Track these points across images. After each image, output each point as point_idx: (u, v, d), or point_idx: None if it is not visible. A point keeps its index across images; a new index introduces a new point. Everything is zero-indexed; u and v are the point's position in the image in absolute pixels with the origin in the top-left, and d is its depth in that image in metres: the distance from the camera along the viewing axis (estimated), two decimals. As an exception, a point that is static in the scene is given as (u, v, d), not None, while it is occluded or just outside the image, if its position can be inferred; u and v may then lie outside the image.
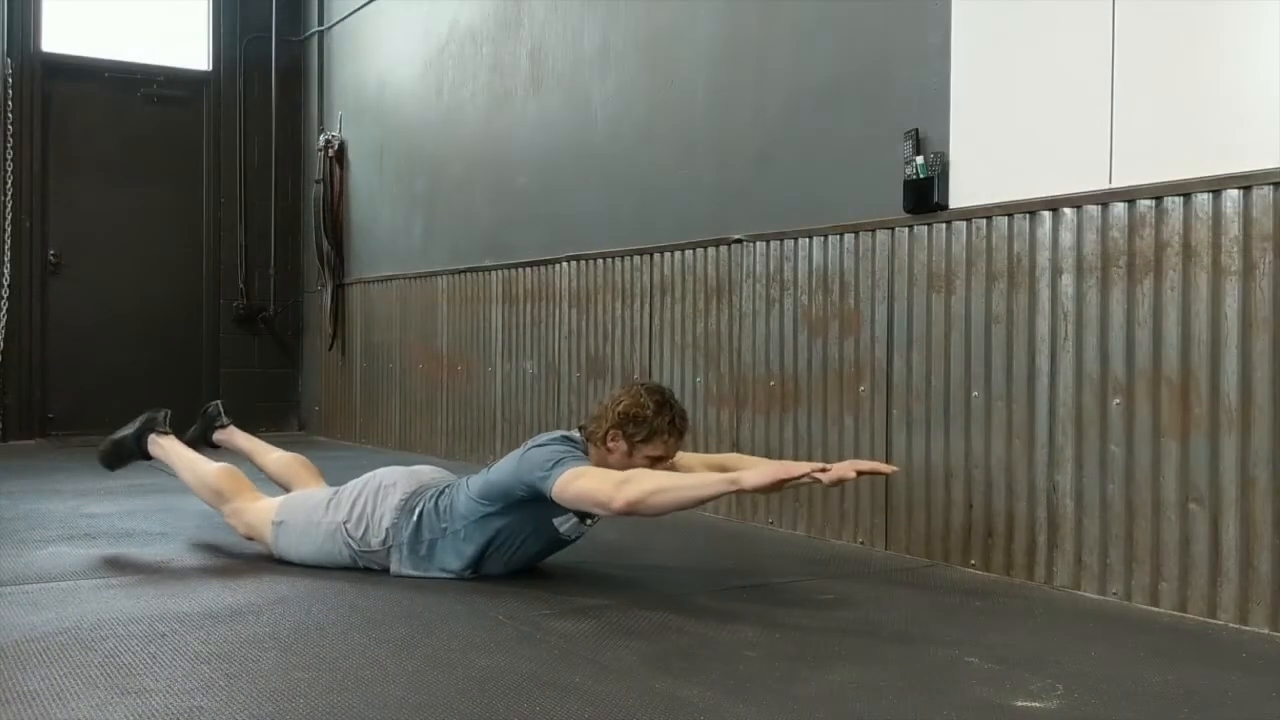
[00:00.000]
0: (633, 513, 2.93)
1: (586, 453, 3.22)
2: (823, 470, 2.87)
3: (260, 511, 3.58)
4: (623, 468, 3.13)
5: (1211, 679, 2.48)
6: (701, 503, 3.00)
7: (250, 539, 3.61)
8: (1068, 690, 2.37)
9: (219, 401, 4.41)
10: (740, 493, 2.91)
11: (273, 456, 4.06)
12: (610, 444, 3.21)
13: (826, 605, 3.10)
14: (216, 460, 3.82)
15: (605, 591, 3.19)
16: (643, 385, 3.33)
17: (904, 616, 3.01)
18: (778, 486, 2.86)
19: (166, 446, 3.90)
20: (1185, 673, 2.53)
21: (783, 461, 2.87)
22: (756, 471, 2.88)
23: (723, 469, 3.39)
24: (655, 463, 3.21)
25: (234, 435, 4.22)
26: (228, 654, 2.56)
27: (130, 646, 2.60)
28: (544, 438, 3.24)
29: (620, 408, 3.22)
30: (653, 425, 3.19)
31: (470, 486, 3.31)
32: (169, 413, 4.01)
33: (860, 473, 3.09)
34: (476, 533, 3.27)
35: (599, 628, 2.83)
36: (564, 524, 3.26)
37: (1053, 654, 2.64)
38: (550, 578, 3.37)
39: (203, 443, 4.16)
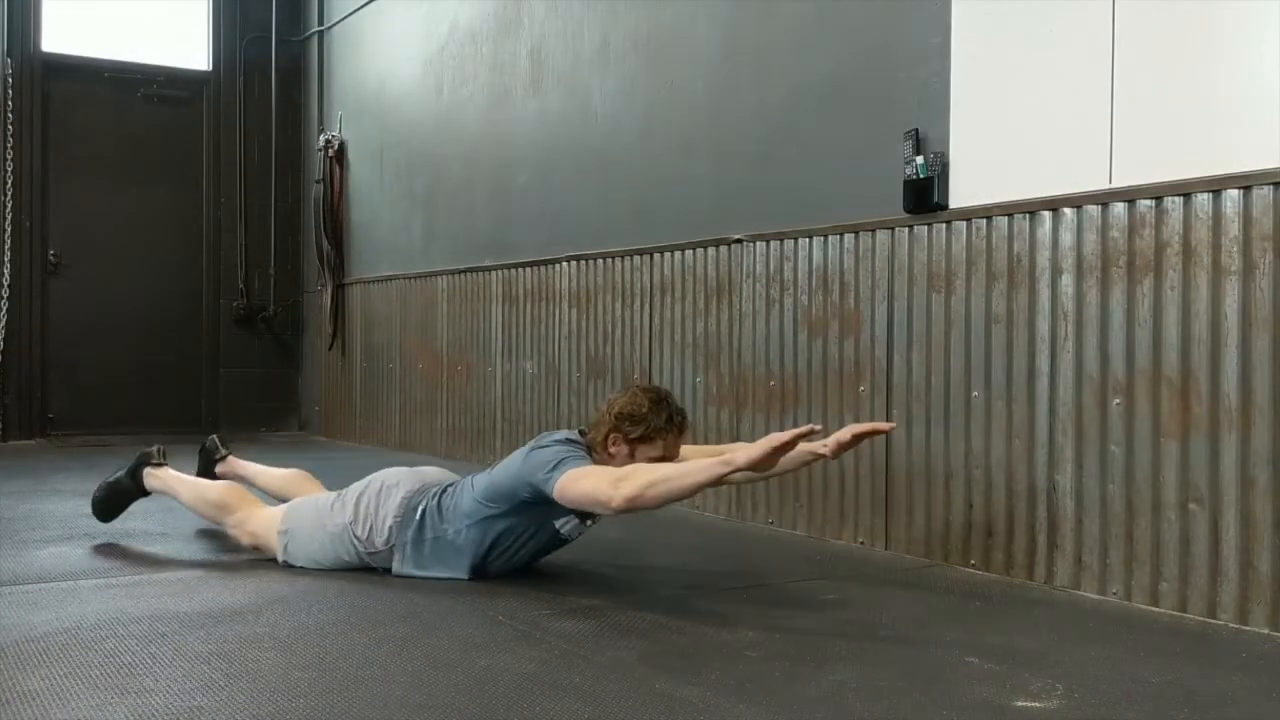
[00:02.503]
0: (634, 508, 2.92)
1: (590, 454, 3.21)
2: (816, 434, 2.87)
3: (265, 520, 3.59)
4: None
5: (1211, 679, 2.48)
6: (701, 488, 2.97)
7: (256, 549, 3.61)
8: (1068, 690, 2.37)
9: (215, 436, 4.44)
10: (737, 471, 2.86)
11: (275, 474, 4.10)
12: (611, 448, 3.20)
13: (826, 605, 3.10)
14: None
15: (605, 591, 3.19)
16: (639, 386, 3.32)
17: (904, 616, 3.01)
18: (771, 457, 2.81)
19: (163, 475, 3.91)
20: (1185, 673, 2.53)
21: (772, 434, 2.85)
22: (748, 447, 2.87)
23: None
24: (657, 461, 3.18)
25: (235, 465, 4.25)
26: (228, 654, 2.56)
27: (130, 646, 2.60)
28: (547, 439, 3.23)
29: (617, 409, 3.22)
30: (650, 423, 3.19)
31: (474, 487, 3.31)
32: (163, 448, 4.02)
33: (858, 435, 3.09)
34: (479, 533, 3.27)
35: (599, 628, 2.83)
36: (565, 525, 3.26)
37: (1053, 654, 2.64)
38: (550, 578, 3.37)
39: (206, 477, 4.17)
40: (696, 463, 2.97)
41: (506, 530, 3.26)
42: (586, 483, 2.99)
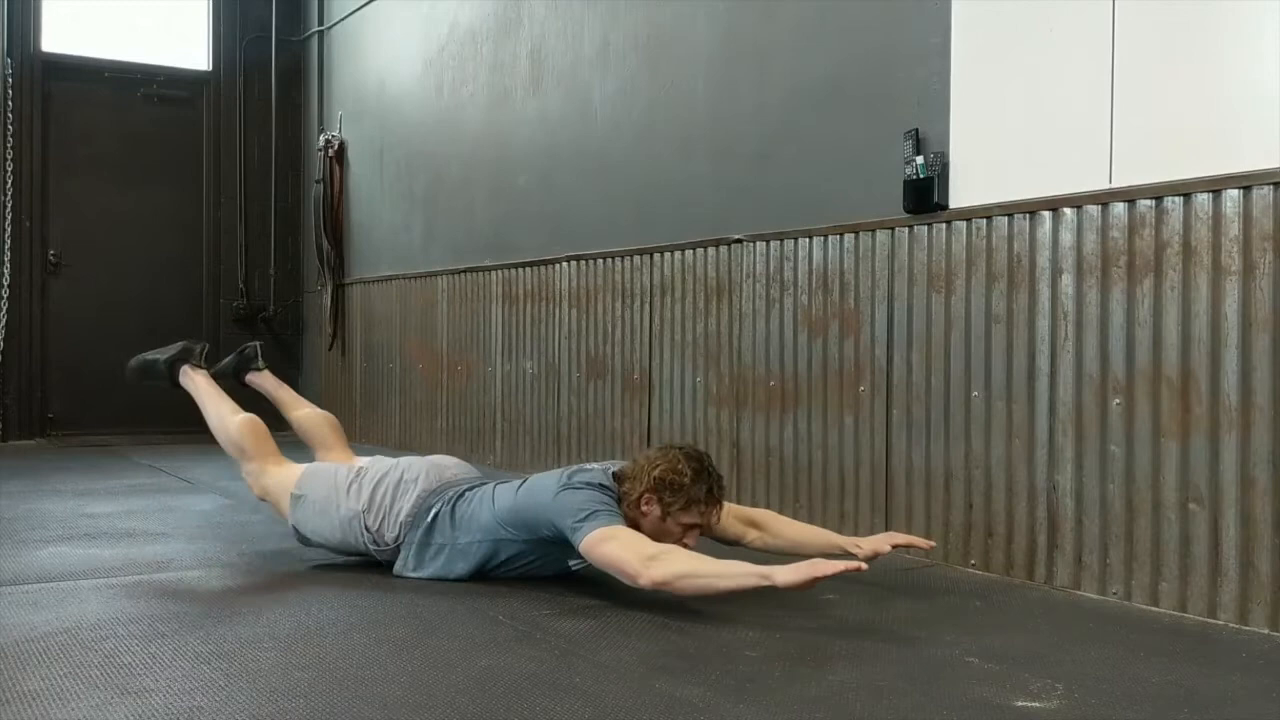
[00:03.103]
0: (658, 590, 2.88)
1: (620, 501, 3.12)
2: (857, 561, 2.80)
3: (280, 478, 3.55)
4: (655, 532, 3.06)
5: (1211, 679, 2.48)
6: (730, 593, 2.87)
7: (263, 500, 3.60)
8: (1068, 690, 2.36)
9: (258, 344, 4.39)
10: (772, 586, 2.75)
11: (303, 412, 4.08)
12: (644, 508, 3.11)
13: (826, 605, 3.10)
14: (246, 408, 3.82)
15: (605, 591, 3.19)
16: (681, 450, 3.17)
17: (904, 616, 3.01)
18: (810, 584, 2.73)
19: (198, 381, 3.89)
20: (1185, 673, 2.53)
21: (815, 561, 2.73)
22: (790, 569, 2.74)
23: (754, 524, 3.38)
24: (689, 530, 3.13)
25: (266, 380, 4.23)
26: (228, 654, 2.56)
27: (130, 646, 2.60)
28: (580, 478, 3.14)
29: (656, 472, 3.10)
30: (690, 494, 3.09)
31: (497, 504, 3.25)
32: (206, 346, 4.00)
33: (896, 546, 3.12)
34: (489, 550, 3.25)
35: (599, 628, 2.83)
36: (577, 565, 3.20)
37: (1053, 654, 2.64)
38: (550, 578, 3.37)
39: (233, 378, 4.15)
40: (734, 566, 2.87)
41: (518, 555, 3.24)
42: (616, 549, 2.92)
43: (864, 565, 2.83)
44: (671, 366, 4.81)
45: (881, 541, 3.19)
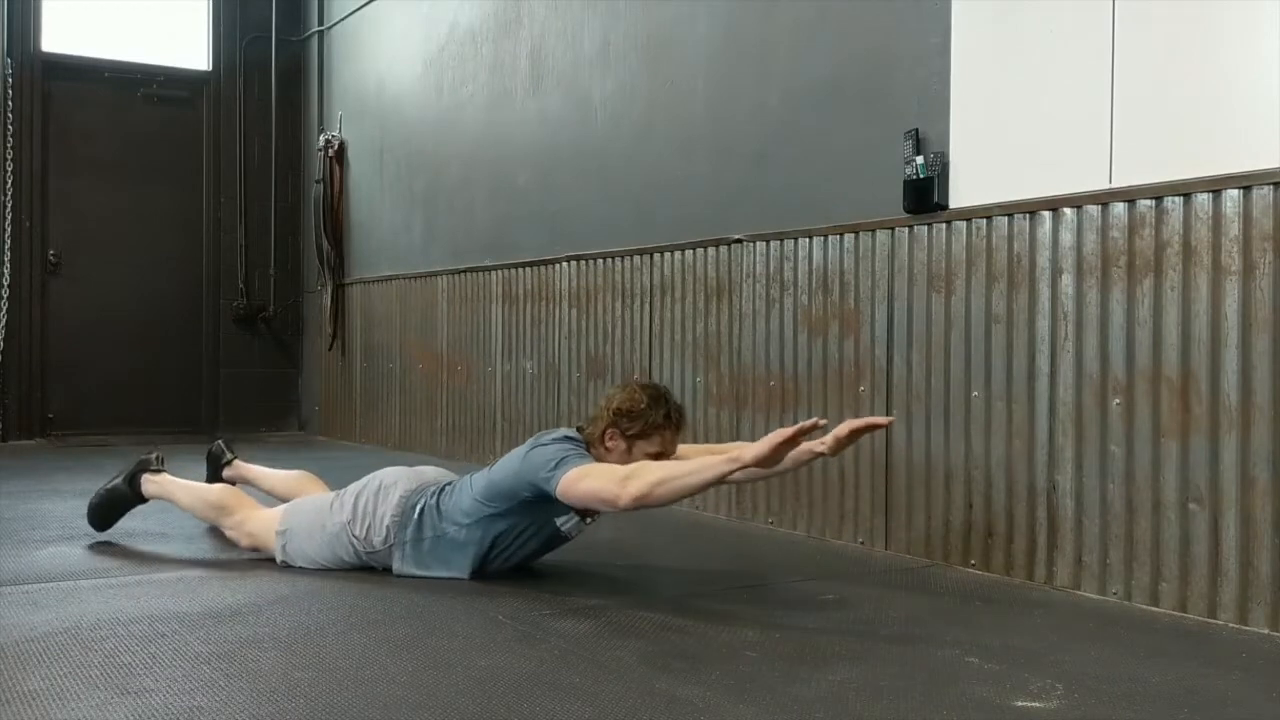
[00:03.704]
0: (640, 506, 2.92)
1: (588, 447, 3.21)
2: (819, 428, 2.85)
3: (263, 521, 3.59)
4: (622, 464, 3.11)
5: (1211, 679, 2.48)
6: (707, 486, 2.98)
7: (254, 549, 3.61)
8: (1068, 690, 2.37)
9: (220, 440, 4.44)
10: (743, 468, 2.86)
11: (280, 476, 4.12)
12: (608, 443, 3.21)
13: (826, 605, 3.10)
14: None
15: (605, 591, 3.19)
16: (637, 381, 3.33)
17: (904, 616, 3.01)
18: (776, 453, 2.80)
19: (161, 481, 3.89)
20: (1185, 673, 2.53)
21: (776, 431, 2.83)
22: (755, 445, 2.85)
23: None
24: (655, 458, 3.18)
25: (241, 469, 4.26)
26: (228, 654, 2.56)
27: (130, 646, 2.60)
28: (546, 437, 3.23)
29: (615, 405, 3.23)
30: (647, 419, 3.20)
31: (474, 486, 3.31)
32: (161, 455, 4.01)
33: (855, 431, 3.02)
34: (479, 532, 3.27)
35: (599, 628, 2.83)
36: (566, 523, 3.26)
37: (1053, 654, 2.64)
38: (550, 578, 3.37)
39: (215, 484, 4.17)
40: (703, 460, 2.97)
41: (507, 529, 3.26)
42: (591, 481, 2.98)
43: (827, 451, 2.97)
44: (671, 366, 4.81)
45: (842, 429, 3.03)
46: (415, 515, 3.34)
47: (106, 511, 3.96)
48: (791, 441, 2.78)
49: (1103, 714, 2.24)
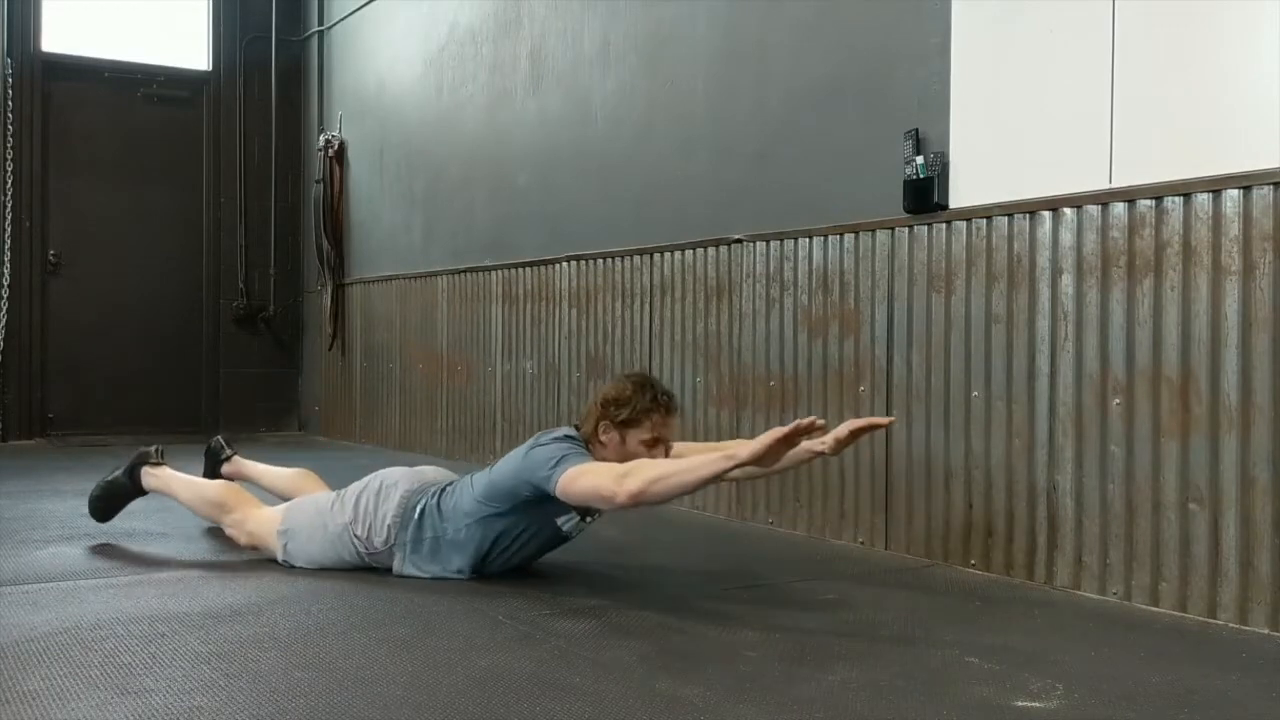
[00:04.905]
0: (638, 503, 2.92)
1: (587, 449, 3.21)
2: (817, 428, 2.84)
3: (264, 521, 3.58)
4: (620, 459, 3.12)
5: (1211, 679, 2.48)
6: (705, 483, 2.97)
7: (253, 548, 3.61)
8: (1068, 690, 2.37)
9: (219, 437, 4.44)
10: (741, 466, 2.85)
11: (279, 474, 4.12)
12: (602, 437, 3.22)
13: (826, 605, 3.10)
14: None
15: (605, 591, 3.19)
16: (625, 374, 3.37)
17: (904, 616, 3.01)
18: (774, 451, 2.79)
19: (161, 474, 3.89)
20: (1185, 673, 2.53)
21: (774, 429, 2.83)
22: (751, 443, 2.84)
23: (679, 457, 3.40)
24: (651, 447, 3.19)
25: (240, 466, 4.26)
26: (228, 654, 2.56)
27: (130, 646, 2.60)
28: (545, 437, 3.22)
29: (602, 396, 3.26)
30: (635, 404, 3.20)
31: (474, 486, 3.31)
32: (160, 448, 4.01)
33: (856, 431, 3.05)
34: (479, 532, 3.27)
35: (599, 628, 2.83)
36: (566, 522, 3.26)
37: (1053, 654, 2.64)
38: (550, 578, 3.37)
39: (213, 479, 4.17)
40: (700, 457, 2.96)
41: (507, 529, 3.26)
42: (590, 479, 2.98)
43: (827, 450, 3.02)
44: (671, 366, 4.81)
45: (842, 429, 3.09)
46: (416, 516, 3.34)
47: (106, 504, 3.97)
48: (788, 441, 2.78)
49: (1103, 714, 2.24)
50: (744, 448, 2.85)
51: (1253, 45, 2.90)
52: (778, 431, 2.78)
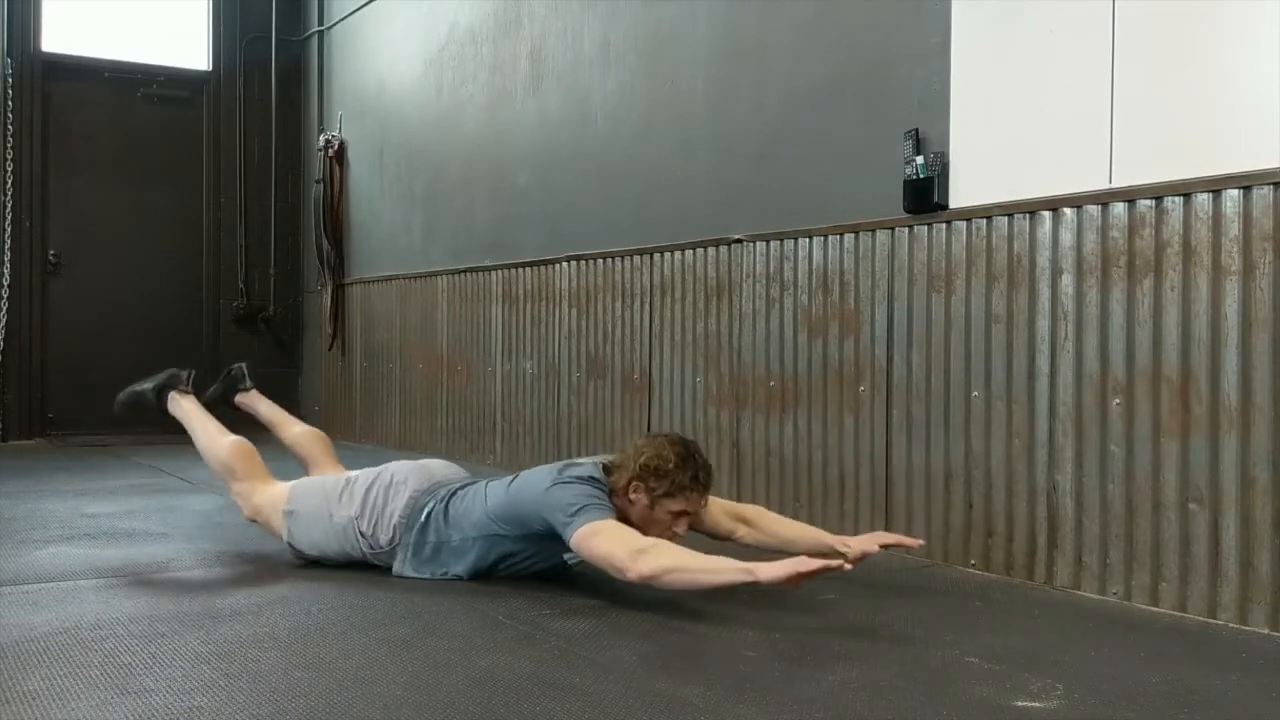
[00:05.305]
0: (647, 585, 2.89)
1: (611, 493, 3.14)
2: (843, 560, 2.85)
3: (271, 496, 3.54)
4: (643, 521, 3.08)
5: (1211, 679, 2.48)
6: (716, 589, 2.90)
7: (254, 521, 3.59)
8: (1068, 690, 2.37)
9: (244, 364, 4.36)
10: (754, 585, 2.78)
11: (294, 430, 4.06)
12: (632, 495, 3.13)
13: (826, 605, 3.10)
14: (235, 429, 3.81)
15: (605, 591, 3.19)
16: (667, 437, 3.21)
17: (904, 616, 3.01)
18: (795, 583, 2.74)
19: (186, 407, 3.89)
20: (1185, 673, 2.53)
21: (800, 559, 2.77)
22: (775, 566, 2.76)
23: (744, 520, 3.38)
24: (678, 518, 3.14)
25: (256, 401, 4.21)
26: (228, 654, 2.56)
27: (130, 646, 2.60)
28: (570, 473, 3.15)
29: (642, 459, 3.12)
30: (674, 480, 3.10)
31: (489, 500, 3.26)
32: (193, 372, 4.01)
33: (884, 547, 3.12)
34: (484, 547, 3.25)
35: (599, 628, 2.83)
36: (573, 559, 3.18)
37: (1053, 654, 2.64)
38: (551, 578, 3.36)
39: (223, 404, 4.15)
40: (720, 562, 2.89)
41: (512, 552, 3.24)
42: (605, 544, 2.93)
43: (848, 565, 2.91)
44: (671, 366, 4.81)
45: (869, 542, 3.19)
46: (421, 519, 3.32)
47: (128, 409, 4.03)
48: (812, 576, 2.72)
49: (1103, 714, 2.24)
50: (766, 571, 2.74)
51: (1253, 45, 2.91)
52: (805, 565, 2.71)
